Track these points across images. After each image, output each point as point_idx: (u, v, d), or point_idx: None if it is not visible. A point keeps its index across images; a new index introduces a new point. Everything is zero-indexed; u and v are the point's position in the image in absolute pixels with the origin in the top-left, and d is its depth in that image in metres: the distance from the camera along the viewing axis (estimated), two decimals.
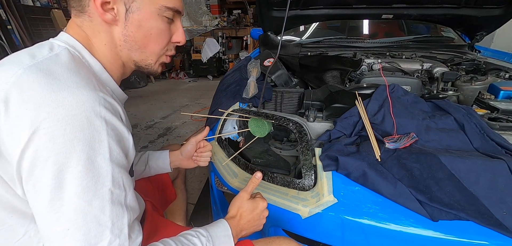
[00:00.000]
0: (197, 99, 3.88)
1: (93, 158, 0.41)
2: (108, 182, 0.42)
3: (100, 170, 0.42)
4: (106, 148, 0.42)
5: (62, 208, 0.39)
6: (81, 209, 0.40)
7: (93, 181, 0.41)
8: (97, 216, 0.41)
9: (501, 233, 0.57)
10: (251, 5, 5.44)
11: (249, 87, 1.08)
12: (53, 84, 0.40)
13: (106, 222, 0.42)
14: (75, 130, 0.39)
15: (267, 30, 1.70)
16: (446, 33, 1.88)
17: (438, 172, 0.66)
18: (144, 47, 0.55)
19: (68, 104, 0.39)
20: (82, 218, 0.40)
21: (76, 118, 0.39)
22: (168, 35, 0.57)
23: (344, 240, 0.67)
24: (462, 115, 0.83)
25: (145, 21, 0.52)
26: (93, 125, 0.41)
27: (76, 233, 0.40)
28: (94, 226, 0.41)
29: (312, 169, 0.77)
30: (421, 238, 0.60)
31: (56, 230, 0.39)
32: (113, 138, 0.44)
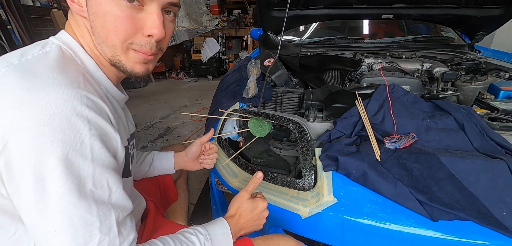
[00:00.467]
0: (197, 99, 3.88)
1: (74, 159, 0.39)
2: (90, 183, 0.41)
3: (81, 172, 0.40)
4: (88, 148, 0.41)
5: (46, 210, 0.38)
6: (66, 211, 0.39)
7: (75, 183, 0.40)
8: (84, 217, 0.41)
9: (501, 233, 0.57)
10: (251, 5, 5.44)
11: (249, 87, 1.08)
12: (32, 82, 0.39)
13: (94, 222, 0.41)
14: (54, 130, 0.37)
15: (267, 30, 1.70)
16: (446, 33, 1.88)
17: (438, 172, 0.66)
18: (105, 39, 0.46)
19: (47, 103, 0.38)
20: (68, 220, 0.39)
21: (55, 118, 0.38)
22: (130, 24, 0.46)
23: (344, 240, 0.67)
24: (462, 115, 0.83)
25: (98, 7, 0.44)
26: (73, 125, 0.39)
27: (64, 235, 0.39)
28: (82, 227, 0.40)
29: (312, 169, 0.77)
30: (421, 238, 0.60)
31: (44, 231, 0.39)
32: (97, 138, 0.42)
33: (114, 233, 0.44)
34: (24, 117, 0.37)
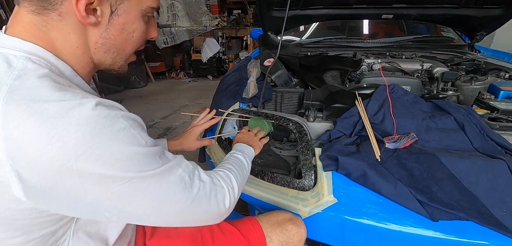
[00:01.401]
0: (197, 99, 3.87)
1: (135, 151, 0.40)
2: (158, 159, 0.44)
3: (149, 153, 0.42)
4: (139, 138, 0.42)
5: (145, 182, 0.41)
6: (158, 177, 0.43)
7: (150, 159, 0.42)
8: (174, 177, 0.46)
9: (501, 233, 0.57)
10: (251, 5, 5.43)
11: (249, 87, 1.08)
12: (50, 119, 0.34)
13: (181, 174, 0.47)
14: (109, 142, 0.37)
15: (267, 30, 1.70)
16: (446, 33, 1.88)
17: (438, 172, 0.66)
18: (122, 50, 0.51)
19: (78, 123, 0.35)
20: (167, 186, 0.44)
21: (101, 135, 0.36)
22: (145, 36, 0.54)
23: (344, 240, 0.67)
24: (462, 115, 0.83)
25: (129, 24, 0.48)
26: (114, 122, 0.38)
27: (176, 194, 0.45)
28: (179, 180, 0.46)
29: (312, 169, 0.77)
30: (421, 238, 0.60)
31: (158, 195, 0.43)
32: (139, 130, 0.43)
33: (191, 170, 0.50)
34: (69, 147, 0.34)
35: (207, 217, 0.52)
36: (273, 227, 0.66)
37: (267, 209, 0.75)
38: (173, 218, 0.48)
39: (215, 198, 0.52)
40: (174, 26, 5.02)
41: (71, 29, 0.43)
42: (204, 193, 0.50)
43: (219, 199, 0.53)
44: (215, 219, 0.53)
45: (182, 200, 0.46)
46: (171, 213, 0.47)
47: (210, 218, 0.52)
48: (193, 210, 0.48)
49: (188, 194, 0.47)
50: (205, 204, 0.50)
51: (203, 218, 0.51)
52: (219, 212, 0.53)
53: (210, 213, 0.51)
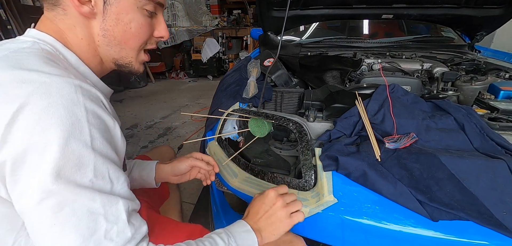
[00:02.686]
0: (197, 99, 3.87)
1: (74, 146, 0.38)
2: (90, 172, 0.40)
3: (82, 159, 0.39)
4: (87, 135, 0.39)
5: (46, 199, 0.37)
6: (66, 200, 0.37)
7: (74, 169, 0.38)
8: (86, 205, 0.38)
9: (501, 233, 0.57)
10: (251, 5, 5.44)
11: (249, 87, 1.08)
12: (23, 75, 0.38)
13: (98, 210, 0.39)
14: (51, 119, 0.36)
15: (267, 30, 1.70)
16: (446, 33, 1.88)
17: (438, 172, 0.66)
18: (124, 43, 0.51)
19: (39, 95, 0.37)
20: (69, 209, 0.37)
21: (51, 108, 0.37)
22: (149, 30, 0.54)
23: (344, 240, 0.67)
24: (462, 115, 0.83)
25: (124, 15, 0.48)
26: (71, 112, 0.38)
27: (66, 225, 0.37)
28: (85, 216, 0.38)
29: (312, 169, 0.77)
30: (421, 238, 0.60)
31: (43, 223, 0.37)
32: (95, 127, 0.41)
33: (123, 222, 0.42)
34: (21, 114, 0.36)
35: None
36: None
37: None
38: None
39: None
40: (174, 26, 5.02)
41: (75, 22, 0.48)
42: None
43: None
44: None
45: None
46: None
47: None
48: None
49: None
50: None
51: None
52: None
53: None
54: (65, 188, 0.37)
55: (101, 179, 0.41)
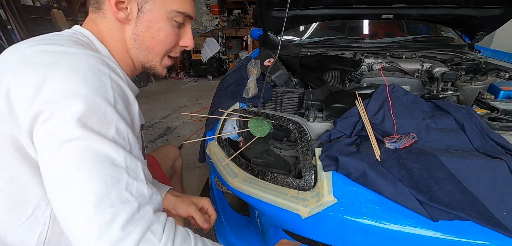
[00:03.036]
0: (197, 99, 3.87)
1: (99, 102, 0.41)
2: (113, 129, 0.41)
3: (106, 115, 0.41)
4: (111, 97, 0.43)
5: (69, 145, 0.38)
6: (91, 148, 0.39)
7: (99, 123, 0.40)
8: (110, 156, 0.40)
9: (501, 233, 0.57)
10: (251, 5, 5.44)
11: (249, 87, 1.08)
12: (55, 48, 0.43)
13: (121, 163, 0.41)
14: (79, 79, 0.40)
15: (267, 30, 1.70)
16: (446, 33, 1.88)
17: (438, 172, 0.66)
18: (151, 48, 0.56)
19: (67, 61, 0.41)
20: (94, 156, 0.38)
21: (79, 71, 0.41)
22: (175, 39, 0.58)
23: (344, 240, 0.67)
24: (462, 115, 0.83)
25: (154, 23, 0.54)
26: (97, 75, 0.42)
27: (90, 171, 0.38)
28: (109, 166, 0.39)
29: (312, 169, 0.76)
30: (421, 238, 0.60)
31: (68, 169, 0.37)
32: (118, 93, 0.45)
33: (142, 181, 0.43)
34: (52, 73, 0.40)
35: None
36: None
37: (267, 209, 0.75)
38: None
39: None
40: None
41: (112, 25, 0.54)
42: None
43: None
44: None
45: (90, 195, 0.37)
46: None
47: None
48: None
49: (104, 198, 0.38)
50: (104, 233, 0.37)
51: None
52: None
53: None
54: (91, 136, 0.39)
55: (122, 139, 0.43)
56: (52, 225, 0.47)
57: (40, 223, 0.46)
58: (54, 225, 0.47)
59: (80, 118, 0.38)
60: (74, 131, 0.38)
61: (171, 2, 0.53)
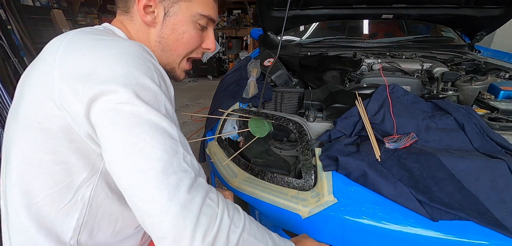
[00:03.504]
0: (197, 99, 3.87)
1: (148, 83, 0.42)
2: (163, 108, 0.44)
3: (157, 96, 0.43)
4: (156, 79, 0.44)
5: (132, 122, 0.39)
6: (152, 122, 0.40)
7: (153, 102, 0.42)
8: (168, 130, 0.42)
9: (501, 233, 0.57)
10: (251, 5, 5.44)
11: (249, 87, 1.08)
12: (98, 37, 0.45)
13: (175, 137, 0.43)
14: (128, 62, 0.42)
15: (267, 30, 1.70)
16: (446, 33, 1.88)
17: (438, 172, 0.66)
18: (174, 50, 0.58)
19: (116, 46, 0.43)
20: (155, 129, 0.40)
21: (128, 55, 0.43)
22: (198, 41, 0.60)
23: (344, 240, 0.67)
24: (462, 115, 0.83)
25: (179, 26, 0.55)
26: (143, 58, 0.44)
27: (154, 141, 0.39)
28: (168, 138, 0.41)
29: (312, 169, 0.76)
30: (421, 238, 0.60)
31: (132, 144, 0.39)
32: (161, 77, 0.47)
33: (192, 155, 0.45)
34: (102, 59, 0.41)
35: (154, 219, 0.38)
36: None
37: (267, 209, 0.75)
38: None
39: (187, 212, 0.38)
40: None
41: (139, 28, 0.56)
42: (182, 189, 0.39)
43: (191, 218, 0.38)
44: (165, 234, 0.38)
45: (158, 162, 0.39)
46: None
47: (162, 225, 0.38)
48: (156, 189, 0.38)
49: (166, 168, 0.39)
50: (171, 202, 0.37)
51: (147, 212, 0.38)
52: (178, 235, 0.37)
53: (167, 223, 0.37)
54: (150, 110, 0.41)
55: (170, 118, 0.44)
56: (89, 209, 0.48)
57: (79, 207, 0.47)
58: (91, 208, 0.48)
59: (138, 95, 0.40)
60: (137, 107, 0.40)
61: (196, 6, 0.55)
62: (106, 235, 0.52)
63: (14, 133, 0.45)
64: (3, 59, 2.51)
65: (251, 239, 0.45)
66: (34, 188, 0.44)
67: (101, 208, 0.49)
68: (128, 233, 0.57)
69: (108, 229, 0.52)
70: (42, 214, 0.45)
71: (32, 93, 0.43)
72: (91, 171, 0.46)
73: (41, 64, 0.44)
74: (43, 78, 0.42)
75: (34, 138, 0.43)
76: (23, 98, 0.45)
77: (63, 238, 0.47)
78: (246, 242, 0.44)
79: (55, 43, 0.45)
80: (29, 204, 0.44)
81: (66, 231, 0.47)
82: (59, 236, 0.46)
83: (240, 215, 0.47)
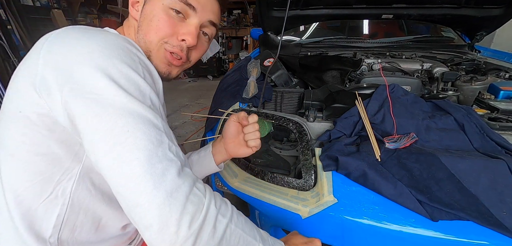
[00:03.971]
0: (197, 99, 3.88)
1: (133, 74, 0.42)
2: (148, 99, 0.43)
3: (140, 87, 0.43)
4: (141, 72, 0.44)
5: (115, 113, 0.39)
6: (135, 111, 0.40)
7: (138, 92, 0.42)
8: (152, 120, 0.41)
9: (501, 233, 0.57)
10: (251, 5, 5.44)
11: (249, 87, 1.08)
12: (86, 30, 0.45)
13: (160, 127, 0.42)
14: (112, 52, 0.42)
15: (267, 30, 1.70)
16: (446, 33, 1.88)
17: (438, 172, 0.66)
18: (145, 35, 0.54)
19: (101, 38, 0.43)
20: (139, 118, 0.40)
21: (111, 46, 0.43)
22: (169, 27, 0.54)
23: (344, 240, 0.67)
24: (462, 115, 0.83)
25: (150, 11, 0.53)
26: (127, 50, 0.44)
27: (138, 132, 0.39)
28: (153, 128, 0.41)
29: (312, 169, 0.76)
30: (421, 238, 0.60)
31: (115, 134, 0.38)
32: (146, 70, 0.46)
33: (177, 146, 0.44)
34: (85, 49, 0.41)
35: (143, 209, 0.37)
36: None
37: (267, 209, 0.75)
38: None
39: (175, 195, 0.38)
40: None
41: (131, 24, 0.58)
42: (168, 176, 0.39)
43: (177, 205, 0.37)
44: (151, 224, 0.37)
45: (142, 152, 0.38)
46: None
47: (148, 214, 0.37)
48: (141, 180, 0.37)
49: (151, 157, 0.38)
50: (156, 190, 0.37)
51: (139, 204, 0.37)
52: (164, 222, 0.37)
53: (153, 209, 0.37)
54: (133, 100, 0.40)
55: (155, 110, 0.44)
56: (70, 205, 0.47)
57: (59, 202, 0.46)
58: (73, 204, 0.47)
59: (120, 86, 0.40)
60: (117, 97, 0.39)
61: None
62: (89, 234, 0.52)
63: (0, 128, 0.45)
64: (3, 59, 2.52)
65: (238, 231, 0.44)
66: (15, 179, 0.44)
67: (83, 205, 0.49)
68: (113, 233, 0.56)
69: (92, 228, 0.52)
70: (23, 208, 0.45)
71: (16, 85, 0.44)
72: (73, 162, 0.46)
73: (27, 58, 0.44)
74: (27, 68, 0.43)
75: (15, 128, 0.43)
76: (8, 92, 0.45)
77: (43, 234, 0.46)
78: (233, 233, 0.44)
79: (42, 38, 0.45)
80: (11, 196, 0.44)
81: (46, 228, 0.46)
82: (39, 232, 0.46)
83: (227, 206, 0.46)
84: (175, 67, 0.59)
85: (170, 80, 0.62)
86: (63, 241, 0.48)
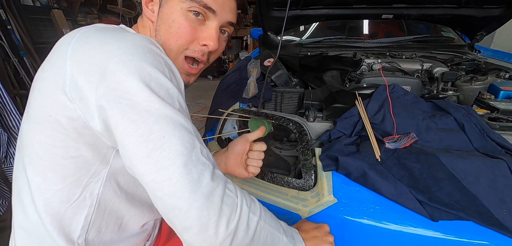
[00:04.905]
0: (197, 99, 3.87)
1: (161, 78, 0.42)
2: (177, 102, 0.43)
3: (169, 91, 0.42)
4: (168, 74, 0.44)
5: (150, 119, 0.39)
6: (168, 116, 0.40)
7: (167, 97, 0.42)
8: (184, 125, 0.42)
9: (501, 233, 0.57)
10: (251, 5, 5.44)
11: (249, 87, 1.08)
12: (107, 30, 0.45)
13: (191, 131, 0.43)
14: (141, 57, 0.41)
15: (267, 30, 1.70)
16: (446, 33, 1.88)
17: (438, 172, 0.66)
18: (165, 42, 0.53)
19: (128, 39, 0.42)
20: (172, 124, 0.40)
21: (138, 48, 0.42)
22: (190, 33, 0.53)
23: (344, 240, 0.67)
24: (462, 115, 0.83)
25: (168, 14, 0.52)
26: (153, 51, 0.43)
27: (172, 138, 0.39)
28: (186, 132, 0.41)
29: (312, 169, 0.76)
30: (421, 238, 0.60)
31: (151, 141, 0.39)
32: (172, 72, 0.46)
33: (207, 149, 0.45)
34: (114, 51, 0.40)
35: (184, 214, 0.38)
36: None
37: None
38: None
39: (211, 198, 0.39)
40: None
41: (145, 24, 0.56)
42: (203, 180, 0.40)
43: (215, 208, 0.39)
44: (196, 231, 0.39)
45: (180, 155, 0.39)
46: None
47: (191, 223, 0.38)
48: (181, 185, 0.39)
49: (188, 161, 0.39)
50: (195, 196, 0.38)
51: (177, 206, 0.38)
52: (204, 225, 0.38)
53: (197, 224, 0.38)
54: (165, 105, 0.40)
55: (184, 112, 0.44)
56: (97, 207, 0.47)
57: (87, 204, 0.47)
58: (99, 206, 0.48)
59: (153, 91, 0.40)
60: (151, 103, 0.39)
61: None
62: (113, 233, 0.52)
63: (26, 133, 0.45)
64: (3, 59, 2.51)
65: (266, 227, 0.47)
66: (43, 183, 0.44)
67: (109, 205, 0.49)
68: (133, 231, 0.57)
69: (115, 227, 0.52)
70: (52, 211, 0.45)
71: (43, 89, 0.43)
72: (101, 164, 0.46)
73: (52, 61, 0.43)
74: (55, 72, 0.42)
75: (43, 131, 0.43)
76: (33, 96, 0.45)
77: (71, 236, 0.47)
78: (263, 229, 0.46)
79: (66, 40, 0.44)
80: (39, 200, 0.44)
81: (74, 229, 0.47)
82: (68, 234, 0.46)
83: (256, 204, 0.48)
84: (193, 76, 0.61)
85: (187, 87, 0.60)
86: (89, 242, 0.49)
